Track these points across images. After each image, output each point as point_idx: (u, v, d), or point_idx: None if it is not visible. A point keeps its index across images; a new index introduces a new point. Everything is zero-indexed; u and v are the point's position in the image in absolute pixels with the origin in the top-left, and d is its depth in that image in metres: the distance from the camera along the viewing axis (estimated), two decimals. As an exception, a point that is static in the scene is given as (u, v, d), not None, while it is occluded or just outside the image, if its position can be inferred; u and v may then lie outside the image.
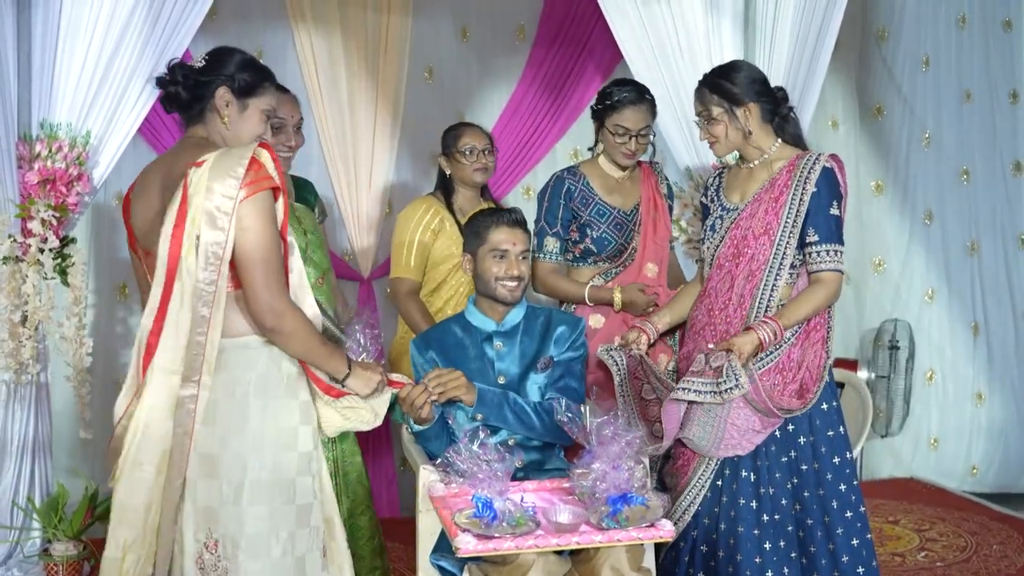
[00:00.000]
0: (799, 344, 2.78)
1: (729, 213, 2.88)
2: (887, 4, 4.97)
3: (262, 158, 2.22)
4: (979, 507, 4.52)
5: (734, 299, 2.81)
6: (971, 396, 5.04)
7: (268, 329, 2.22)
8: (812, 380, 2.78)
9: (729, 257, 2.84)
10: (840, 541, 2.77)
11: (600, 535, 2.31)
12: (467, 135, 3.55)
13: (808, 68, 3.76)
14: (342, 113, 4.35)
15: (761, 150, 2.86)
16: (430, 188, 4.55)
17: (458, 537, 2.27)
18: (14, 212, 3.18)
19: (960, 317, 5.04)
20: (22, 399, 3.24)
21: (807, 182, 2.77)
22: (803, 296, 2.77)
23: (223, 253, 2.16)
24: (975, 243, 5.02)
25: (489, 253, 2.80)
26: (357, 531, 3.03)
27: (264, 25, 4.39)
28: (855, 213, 5.14)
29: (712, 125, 2.83)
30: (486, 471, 2.33)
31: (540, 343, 2.85)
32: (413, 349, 2.87)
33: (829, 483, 2.79)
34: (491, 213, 2.90)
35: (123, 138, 3.31)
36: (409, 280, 3.52)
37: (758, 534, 2.75)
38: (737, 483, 2.77)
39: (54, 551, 3.26)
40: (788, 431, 2.79)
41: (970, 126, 4.99)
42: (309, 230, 3.04)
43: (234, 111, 2.33)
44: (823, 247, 2.78)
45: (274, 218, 2.22)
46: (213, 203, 2.15)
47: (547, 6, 4.59)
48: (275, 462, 2.25)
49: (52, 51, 3.19)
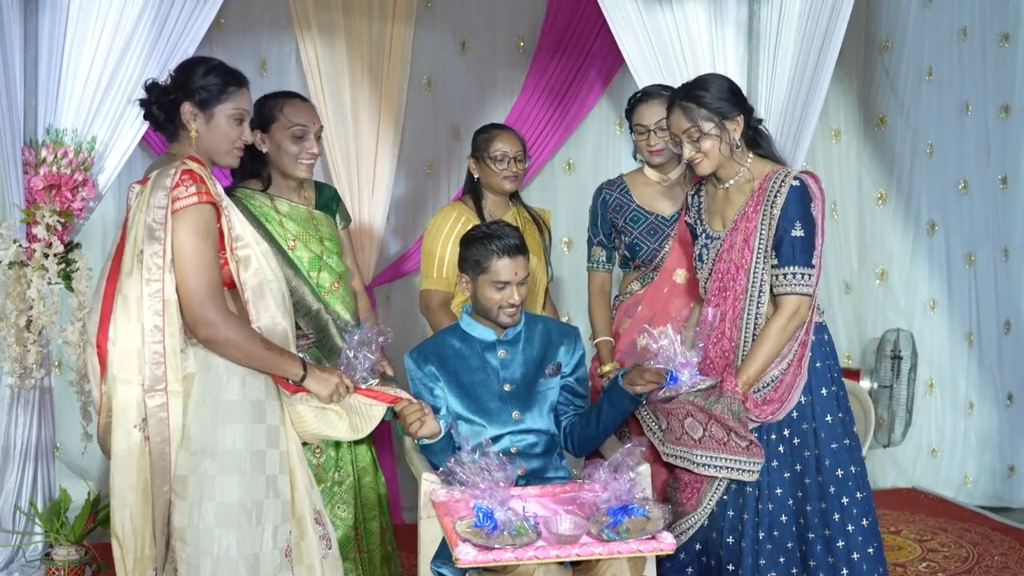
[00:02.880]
0: (791, 369, 2.78)
1: (713, 242, 2.86)
2: (890, 15, 4.98)
3: (199, 172, 2.28)
4: (981, 517, 4.51)
5: (727, 332, 2.81)
6: (964, 406, 5.05)
7: (203, 339, 2.30)
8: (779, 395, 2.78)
9: (716, 291, 2.83)
10: (840, 555, 2.77)
11: (601, 547, 2.29)
12: (499, 139, 3.35)
13: (812, 78, 3.75)
14: (345, 121, 4.36)
15: (740, 165, 2.82)
16: (425, 198, 4.62)
17: (458, 547, 2.26)
18: (20, 217, 3.19)
19: (958, 327, 5.05)
20: (26, 403, 3.25)
21: (774, 205, 2.73)
22: (756, 345, 2.74)
23: (163, 263, 2.24)
24: (971, 254, 5.03)
25: (489, 283, 2.76)
26: (368, 536, 3.03)
27: (269, 33, 4.40)
28: (858, 223, 5.16)
29: (703, 141, 2.76)
30: (487, 480, 2.33)
31: (543, 348, 2.86)
32: (410, 363, 2.83)
33: (832, 496, 2.78)
34: (491, 240, 2.76)
35: (128, 144, 3.32)
36: (441, 292, 3.37)
37: (756, 549, 2.75)
38: (743, 497, 2.77)
39: (56, 556, 3.26)
40: (793, 444, 2.78)
41: (968, 138, 5.00)
42: (326, 236, 3.05)
43: (201, 123, 2.38)
44: (784, 270, 2.73)
45: (207, 232, 2.28)
46: (151, 216, 2.25)
47: (549, 17, 4.59)
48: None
49: (58, 57, 3.21)
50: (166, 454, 2.29)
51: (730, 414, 2.67)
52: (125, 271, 2.28)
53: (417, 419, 2.62)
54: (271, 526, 2.37)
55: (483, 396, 2.78)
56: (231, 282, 2.38)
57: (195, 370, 2.33)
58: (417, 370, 2.81)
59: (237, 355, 2.33)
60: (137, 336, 2.26)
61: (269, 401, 2.41)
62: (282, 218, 2.96)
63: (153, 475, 2.29)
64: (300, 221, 3.00)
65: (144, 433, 2.28)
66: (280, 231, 2.94)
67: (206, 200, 2.28)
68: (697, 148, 2.77)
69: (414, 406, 2.64)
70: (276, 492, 2.39)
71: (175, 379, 2.28)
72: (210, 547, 2.29)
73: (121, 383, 2.27)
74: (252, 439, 2.36)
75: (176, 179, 2.27)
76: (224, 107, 2.38)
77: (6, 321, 3.19)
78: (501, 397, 2.79)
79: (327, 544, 2.53)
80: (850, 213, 5.16)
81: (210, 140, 2.39)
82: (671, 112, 2.84)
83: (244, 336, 2.32)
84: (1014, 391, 5.01)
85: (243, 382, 2.36)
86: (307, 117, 2.97)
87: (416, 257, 4.33)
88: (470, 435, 2.74)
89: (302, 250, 2.96)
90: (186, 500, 2.30)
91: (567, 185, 4.79)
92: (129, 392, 2.27)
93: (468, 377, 2.78)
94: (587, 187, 4.51)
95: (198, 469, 2.30)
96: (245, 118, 2.43)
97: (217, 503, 2.31)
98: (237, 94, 2.40)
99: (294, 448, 2.48)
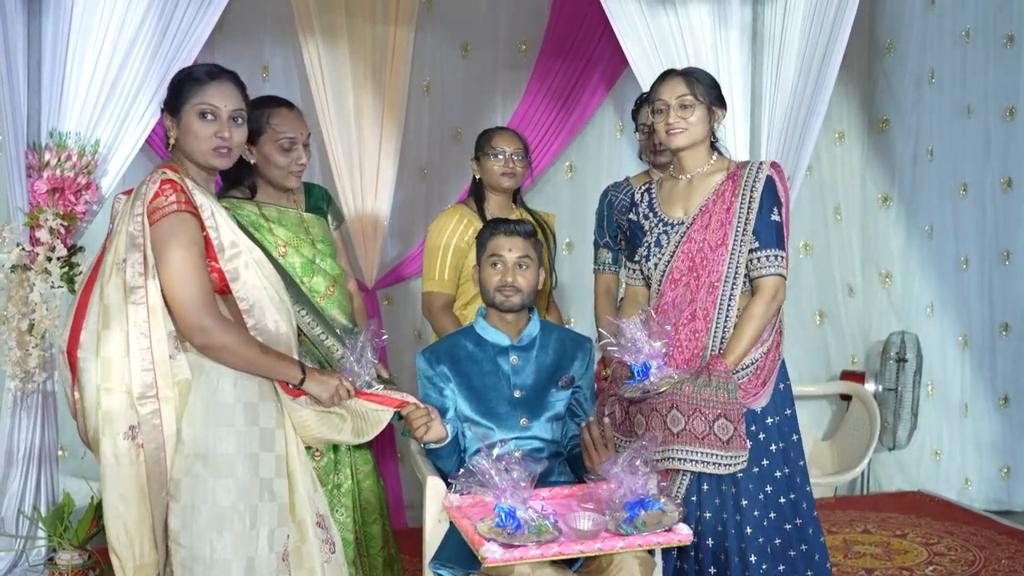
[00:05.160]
0: (770, 355, 2.83)
1: (675, 228, 2.87)
2: (894, 17, 4.98)
3: (178, 182, 2.29)
4: (986, 520, 4.50)
5: (699, 312, 2.81)
6: (959, 409, 5.05)
7: (199, 347, 2.30)
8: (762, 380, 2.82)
9: (684, 271, 2.84)
10: (812, 541, 2.83)
11: (620, 541, 2.33)
12: (497, 137, 3.41)
13: (816, 81, 3.75)
14: (347, 124, 4.35)
15: (706, 158, 2.87)
16: (424, 201, 4.61)
17: (484, 547, 2.28)
18: (23, 220, 3.18)
19: (954, 330, 5.05)
20: (28, 407, 3.24)
21: (753, 191, 2.80)
22: (740, 326, 2.77)
23: (144, 269, 2.24)
24: (967, 258, 5.02)
25: (488, 261, 2.81)
26: (369, 540, 3.02)
27: (271, 37, 4.40)
28: (860, 225, 5.15)
29: (693, 111, 2.80)
30: (507, 480, 2.34)
31: (557, 357, 2.86)
32: (422, 362, 2.83)
33: (799, 486, 2.84)
34: (493, 222, 2.90)
35: (132, 147, 3.31)
36: (443, 295, 3.38)
37: (743, 548, 2.76)
38: (720, 498, 2.78)
39: (59, 560, 3.24)
40: (759, 439, 2.79)
41: (969, 141, 4.99)
42: (318, 239, 3.01)
43: (176, 129, 2.38)
44: (763, 252, 2.80)
45: (190, 240, 2.28)
46: (132, 226, 2.27)
47: (552, 20, 4.59)
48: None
49: (62, 61, 3.20)
50: (161, 460, 2.29)
51: (726, 393, 2.67)
52: (104, 280, 2.28)
53: (423, 424, 2.62)
54: (266, 529, 2.36)
55: (493, 400, 2.78)
56: (224, 288, 2.37)
57: (187, 375, 2.32)
58: (429, 369, 2.81)
59: (234, 360, 2.33)
60: (120, 344, 2.26)
61: (263, 404, 2.40)
62: (271, 224, 2.92)
63: (150, 482, 2.29)
64: (290, 226, 2.96)
65: (136, 441, 2.27)
66: (270, 238, 2.89)
67: (185, 209, 2.27)
68: (683, 117, 2.80)
69: (421, 411, 2.63)
70: (272, 495, 2.38)
71: (166, 385, 2.28)
72: (203, 550, 2.29)
73: (104, 392, 2.27)
74: (245, 442, 2.35)
75: (156, 188, 2.27)
76: (187, 106, 2.36)
77: (8, 325, 3.18)
78: (511, 403, 2.79)
79: (331, 548, 2.51)
80: (853, 216, 5.15)
81: (185, 143, 2.38)
82: (665, 80, 2.86)
83: (240, 341, 2.31)
84: (1010, 394, 4.99)
85: (235, 385, 2.35)
86: (294, 127, 2.93)
87: (418, 261, 4.33)
88: (476, 438, 2.74)
89: (293, 255, 2.92)
90: (180, 503, 2.30)
91: (569, 189, 4.79)
92: (112, 400, 2.26)
93: (479, 380, 2.78)
94: (589, 190, 4.53)
95: (191, 472, 2.30)
96: (217, 113, 2.37)
97: (210, 506, 2.30)
98: (199, 90, 2.36)
99: (294, 451, 2.47)
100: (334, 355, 2.89)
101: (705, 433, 2.68)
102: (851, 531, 4.29)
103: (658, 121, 2.85)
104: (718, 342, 2.79)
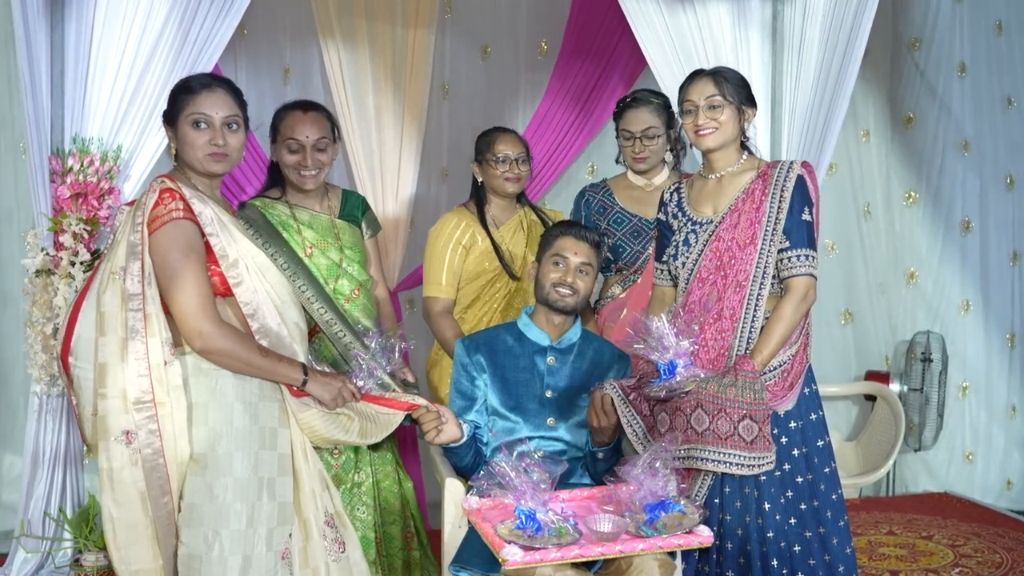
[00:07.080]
0: (798, 357, 2.79)
1: (703, 226, 2.85)
2: (919, 12, 4.93)
3: (177, 190, 2.34)
4: (1015, 522, 4.44)
5: (725, 311, 2.78)
6: (1006, 409, 4.96)
7: (199, 351, 2.33)
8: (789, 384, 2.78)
9: (712, 270, 2.81)
10: (836, 551, 2.77)
11: (641, 543, 2.33)
12: (500, 141, 3.38)
13: (837, 79, 3.72)
14: (368, 127, 4.36)
15: (736, 157, 2.85)
16: (446, 203, 4.61)
17: (504, 549, 2.28)
18: (47, 226, 3.22)
19: (996, 329, 4.96)
20: (54, 410, 3.27)
21: (784, 190, 2.77)
22: (770, 326, 2.73)
23: (142, 276, 2.27)
24: (1017, 252, 4.94)
25: (550, 259, 2.83)
26: (389, 540, 3.03)
27: (292, 40, 4.43)
28: (887, 224, 5.10)
29: (723, 110, 2.78)
30: (527, 483, 2.34)
31: (592, 367, 2.87)
32: (460, 349, 2.86)
33: (823, 493, 2.78)
34: (565, 223, 2.96)
35: (153, 152, 3.34)
36: (442, 299, 3.38)
37: (765, 551, 2.73)
38: (759, 496, 2.75)
39: (85, 562, 3.28)
40: (781, 443, 2.76)
41: (1012, 133, 4.92)
42: (346, 245, 3.06)
43: (176, 140, 2.45)
44: (794, 252, 2.77)
45: (189, 246, 2.32)
46: (133, 235, 2.31)
47: (571, 20, 4.57)
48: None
49: (84, 67, 3.24)
50: (160, 465, 2.31)
51: (752, 394, 2.63)
52: (102, 289, 2.32)
53: (434, 427, 2.63)
54: (265, 528, 2.38)
55: (523, 396, 2.80)
56: (227, 291, 2.40)
57: (185, 378, 2.34)
58: (465, 356, 2.84)
59: (235, 364, 2.35)
60: (116, 351, 2.28)
61: (264, 403, 2.41)
62: (300, 226, 2.98)
63: (149, 487, 2.31)
64: (320, 230, 3.01)
65: (132, 446, 2.29)
66: (297, 238, 2.97)
67: (184, 216, 2.32)
68: (713, 117, 2.78)
69: (431, 414, 2.64)
70: (272, 494, 2.39)
71: (162, 391, 2.30)
72: (201, 547, 2.32)
73: (99, 397, 2.30)
74: (244, 440, 2.37)
75: (156, 198, 2.33)
76: (182, 116, 2.43)
77: (33, 329, 3.22)
78: (541, 401, 2.80)
79: (340, 547, 2.52)
80: (880, 214, 5.10)
81: (184, 152, 2.45)
82: (693, 81, 2.83)
83: (240, 345, 2.34)
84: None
85: (235, 384, 2.38)
86: (301, 130, 2.96)
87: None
88: (502, 432, 2.74)
89: (319, 257, 2.98)
90: (184, 501, 2.34)
91: (590, 189, 4.78)
92: (108, 406, 2.29)
93: (513, 375, 2.81)
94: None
95: (192, 470, 2.34)
96: (209, 121, 2.42)
97: (209, 504, 2.33)
98: (191, 101, 2.42)
99: (299, 450, 2.48)
100: (351, 353, 2.91)
101: (729, 433, 2.65)
102: (876, 532, 4.25)
103: (687, 122, 2.83)
104: (744, 342, 2.76)
